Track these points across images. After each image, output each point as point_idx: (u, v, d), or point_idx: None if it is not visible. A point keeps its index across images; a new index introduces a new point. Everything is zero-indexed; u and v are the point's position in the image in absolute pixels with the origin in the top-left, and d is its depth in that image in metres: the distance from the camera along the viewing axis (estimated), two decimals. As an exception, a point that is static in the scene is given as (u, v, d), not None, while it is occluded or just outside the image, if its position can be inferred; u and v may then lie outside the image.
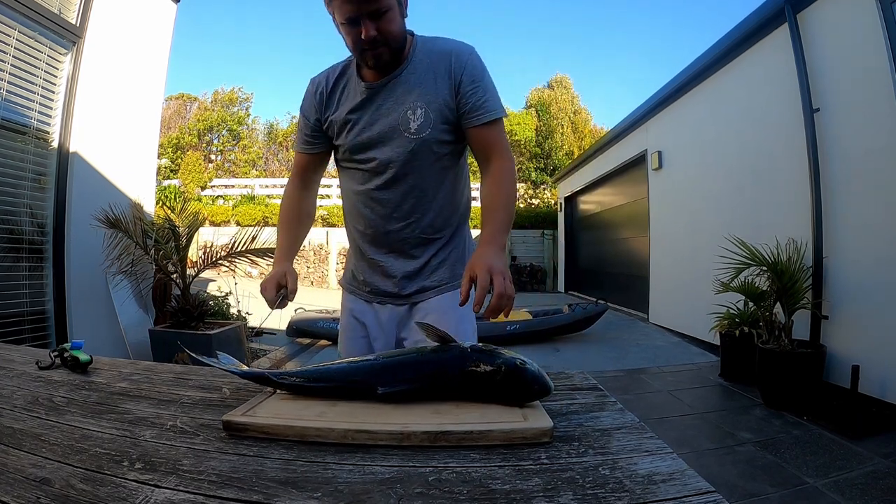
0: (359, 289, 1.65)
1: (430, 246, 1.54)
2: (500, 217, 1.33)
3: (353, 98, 1.47)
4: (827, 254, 4.18)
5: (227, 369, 1.02)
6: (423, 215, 1.50)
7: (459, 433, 0.76)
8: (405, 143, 1.42)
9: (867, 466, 2.81)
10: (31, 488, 0.62)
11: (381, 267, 1.56)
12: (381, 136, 1.44)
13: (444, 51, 1.42)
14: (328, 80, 1.52)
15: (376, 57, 1.34)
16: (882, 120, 3.67)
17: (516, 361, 0.89)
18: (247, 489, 0.63)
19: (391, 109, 1.43)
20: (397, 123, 1.42)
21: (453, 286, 1.54)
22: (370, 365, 0.95)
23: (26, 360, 1.28)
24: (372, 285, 1.59)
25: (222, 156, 25.30)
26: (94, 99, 4.40)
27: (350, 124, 1.47)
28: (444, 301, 1.53)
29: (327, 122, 1.52)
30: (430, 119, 1.40)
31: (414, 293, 1.55)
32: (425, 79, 1.41)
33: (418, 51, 1.43)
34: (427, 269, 1.54)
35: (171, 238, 4.82)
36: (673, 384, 4.71)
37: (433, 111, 1.40)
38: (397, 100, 1.42)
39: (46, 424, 0.85)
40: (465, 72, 1.39)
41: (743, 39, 5.46)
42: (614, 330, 7.75)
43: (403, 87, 1.42)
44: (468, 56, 1.41)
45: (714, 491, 0.60)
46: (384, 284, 1.57)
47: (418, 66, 1.42)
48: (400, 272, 1.54)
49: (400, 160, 1.43)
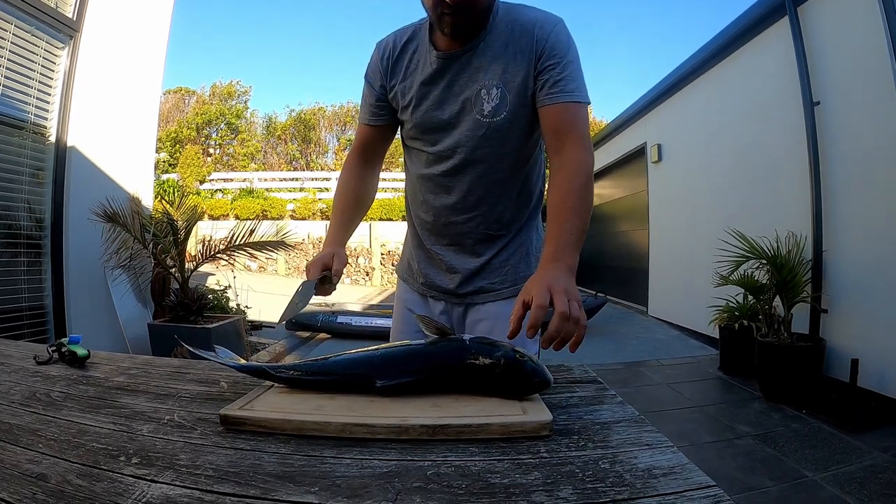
0: (413, 279, 1.54)
1: (495, 243, 1.39)
2: (571, 227, 1.09)
3: (422, 68, 1.31)
4: (826, 247, 4.18)
5: (224, 363, 1.02)
6: (490, 209, 1.35)
7: (458, 426, 0.76)
8: (476, 126, 1.27)
9: (866, 460, 2.81)
10: (27, 484, 0.61)
11: (439, 260, 1.44)
12: (451, 115, 1.29)
13: (527, 21, 1.23)
14: (395, 44, 1.35)
15: (455, 25, 1.17)
16: (883, 113, 3.67)
17: (515, 354, 0.88)
18: (244, 483, 0.62)
19: (464, 86, 1.27)
20: (469, 103, 1.26)
21: (516, 291, 1.34)
22: (369, 358, 0.95)
23: (24, 356, 1.27)
24: (427, 278, 1.48)
25: (221, 149, 25.31)
26: (91, 93, 4.38)
27: (417, 99, 1.32)
28: (501, 308, 1.38)
29: (392, 91, 1.36)
30: (507, 101, 1.24)
31: (470, 293, 1.42)
32: (504, 53, 1.23)
33: (500, 19, 1.25)
34: (488, 268, 1.40)
35: (169, 232, 4.81)
36: (672, 377, 4.72)
37: (510, 92, 1.24)
38: (472, 76, 1.26)
39: (43, 419, 0.84)
40: (548, 44, 1.20)
41: (743, 32, 5.45)
42: (614, 323, 7.76)
43: (479, 60, 1.25)
44: (552, 28, 1.22)
45: (715, 485, 0.60)
46: (440, 279, 1.45)
47: (498, 38, 1.24)
48: (459, 268, 1.41)
49: (469, 145, 1.29)
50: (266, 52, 50.77)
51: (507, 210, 1.37)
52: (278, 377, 0.96)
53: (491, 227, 1.37)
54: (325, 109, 27.08)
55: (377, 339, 5.77)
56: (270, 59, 50.13)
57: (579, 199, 1.13)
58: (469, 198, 1.34)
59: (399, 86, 1.35)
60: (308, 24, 53.73)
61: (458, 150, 1.30)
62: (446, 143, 1.31)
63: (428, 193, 1.40)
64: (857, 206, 3.98)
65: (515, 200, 1.38)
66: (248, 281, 7.32)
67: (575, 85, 1.20)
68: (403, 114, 1.36)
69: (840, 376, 3.85)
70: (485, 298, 1.41)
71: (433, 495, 0.59)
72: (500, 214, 1.37)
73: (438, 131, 1.31)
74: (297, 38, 52.27)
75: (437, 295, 1.47)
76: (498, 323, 1.36)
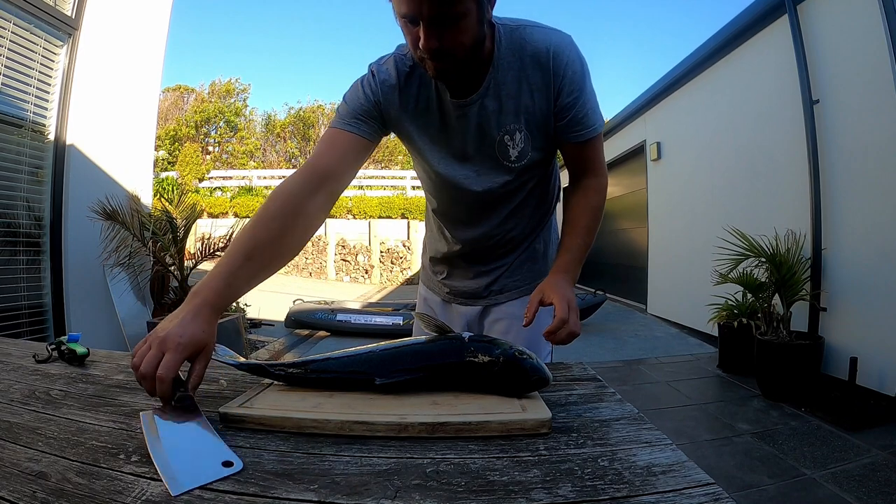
0: (437, 289, 1.58)
1: (516, 249, 1.45)
2: (580, 244, 1.25)
3: (435, 111, 1.22)
4: (826, 245, 4.19)
5: (223, 361, 1.02)
6: (512, 229, 1.39)
7: (457, 424, 0.76)
8: (503, 172, 1.25)
9: (865, 458, 2.82)
10: (27, 483, 0.61)
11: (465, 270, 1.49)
12: (476, 165, 1.26)
13: (537, 49, 1.14)
14: (399, 72, 1.20)
15: (439, 70, 1.06)
16: (882, 112, 3.67)
17: (514, 352, 0.88)
18: (243, 481, 0.62)
19: (485, 134, 1.20)
20: (493, 150, 1.22)
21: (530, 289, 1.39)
22: (368, 355, 0.95)
23: (24, 354, 1.27)
24: (452, 287, 1.52)
25: (220, 147, 25.31)
26: (90, 91, 4.37)
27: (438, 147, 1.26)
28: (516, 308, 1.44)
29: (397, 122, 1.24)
30: (531, 142, 1.21)
31: (493, 293, 1.48)
32: (520, 91, 1.16)
33: (504, 48, 1.14)
34: (510, 268, 1.45)
35: (168, 230, 4.82)
36: (671, 375, 4.73)
37: (532, 131, 1.20)
38: (491, 120, 1.19)
39: (43, 418, 0.84)
40: (566, 79, 1.14)
41: (743, 30, 5.45)
42: (613, 321, 7.77)
43: (494, 102, 1.17)
44: (568, 55, 1.14)
45: (713, 483, 0.60)
46: (465, 285, 1.49)
47: (508, 72, 1.15)
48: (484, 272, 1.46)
49: (496, 190, 1.28)
50: (265, 49, 50.78)
51: (529, 225, 1.43)
52: (277, 375, 0.96)
53: (512, 242, 1.42)
54: (325, 107, 27.06)
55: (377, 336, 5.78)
56: (269, 56, 50.16)
57: (593, 220, 1.28)
58: (491, 225, 1.38)
59: (414, 122, 1.24)
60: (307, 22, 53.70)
61: (485, 195, 1.30)
62: (472, 189, 1.29)
63: (452, 228, 1.44)
64: (856, 204, 3.98)
65: (535, 214, 1.43)
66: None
67: (594, 118, 1.21)
68: (424, 152, 1.27)
69: (839, 374, 3.86)
70: (506, 297, 1.47)
71: (432, 493, 0.59)
72: (523, 230, 1.42)
73: (464, 178, 1.28)
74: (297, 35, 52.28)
75: (462, 300, 1.52)
76: (514, 323, 1.42)
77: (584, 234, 1.25)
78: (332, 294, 9.84)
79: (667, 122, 7.61)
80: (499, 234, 1.39)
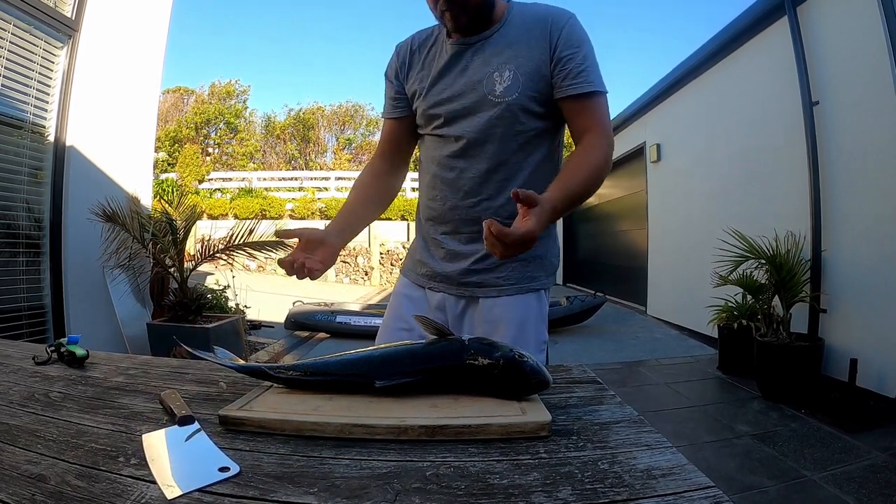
0: (413, 270, 1.50)
1: None
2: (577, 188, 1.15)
3: (438, 58, 1.36)
4: (826, 247, 4.19)
5: (223, 363, 1.02)
6: (498, 193, 1.32)
7: (457, 427, 0.76)
8: (488, 106, 1.28)
9: (865, 460, 2.82)
10: (26, 485, 0.61)
11: (441, 247, 1.40)
12: (463, 97, 1.31)
13: (541, 14, 1.29)
14: (412, 43, 1.43)
15: (454, 19, 1.25)
16: (882, 113, 3.67)
17: (514, 355, 0.88)
18: (243, 484, 0.62)
19: (477, 70, 1.30)
20: (481, 85, 1.28)
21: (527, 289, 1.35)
22: (367, 358, 0.94)
23: (23, 356, 1.27)
24: (427, 266, 1.44)
25: (220, 149, 25.30)
26: (90, 93, 4.37)
27: (431, 83, 1.36)
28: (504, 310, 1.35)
29: (410, 81, 1.42)
30: (519, 82, 1.26)
31: (472, 284, 1.37)
32: (518, 41, 1.28)
33: (513, 14, 1.31)
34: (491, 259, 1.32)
35: (168, 232, 4.81)
36: (671, 377, 4.72)
37: (523, 74, 1.26)
38: (485, 60, 1.29)
39: (42, 420, 0.84)
40: (563, 35, 1.24)
41: (742, 32, 5.45)
42: (612, 322, 7.77)
43: (493, 48, 1.29)
44: (567, 20, 1.26)
45: (714, 486, 0.60)
46: (440, 266, 1.40)
47: (511, 30, 1.30)
48: (461, 253, 1.37)
49: (480, 125, 1.29)
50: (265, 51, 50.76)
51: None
52: (277, 377, 0.96)
53: (499, 211, 1.30)
54: (324, 109, 27.05)
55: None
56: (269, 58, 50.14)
57: (592, 175, 1.19)
58: (477, 179, 1.32)
59: (416, 75, 1.40)
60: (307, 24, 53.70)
61: (470, 130, 1.31)
62: (457, 123, 1.33)
63: (435, 178, 1.39)
64: (856, 205, 3.98)
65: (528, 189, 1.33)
66: (247, 280, 7.31)
67: (591, 74, 1.24)
68: (418, 98, 1.39)
69: (839, 376, 3.85)
70: (486, 293, 1.36)
71: (432, 496, 0.59)
72: (506, 201, 1.30)
73: (450, 112, 1.33)
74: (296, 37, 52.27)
75: (437, 286, 1.42)
76: (499, 328, 1.32)
77: (582, 183, 1.16)
78: (331, 296, 9.83)
79: (666, 124, 7.62)
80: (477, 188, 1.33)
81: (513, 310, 1.35)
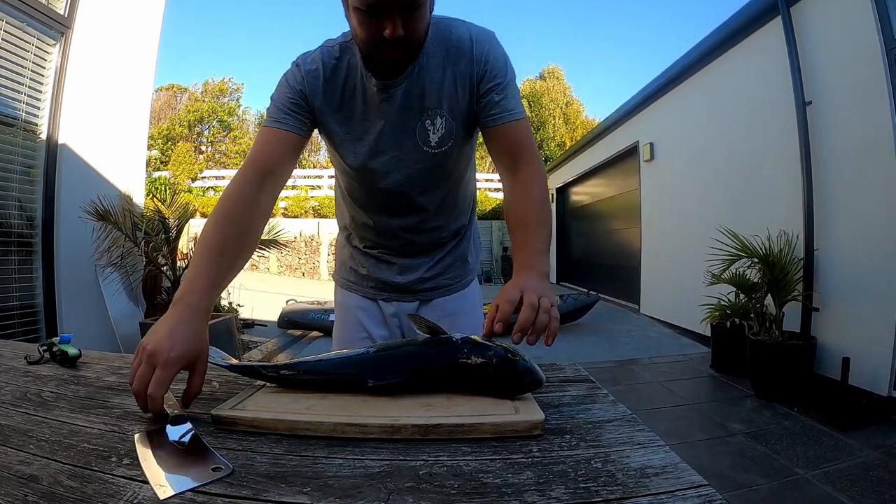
0: (360, 284, 1.50)
1: (444, 246, 1.44)
2: (538, 236, 1.09)
3: (360, 99, 1.22)
4: (818, 246, 4.21)
5: (215, 363, 1.01)
6: (437, 223, 1.39)
7: (450, 426, 0.76)
8: (422, 157, 1.24)
9: (857, 458, 2.84)
10: (18, 486, 0.61)
11: (393, 262, 1.44)
12: (396, 148, 1.24)
13: (461, 40, 1.18)
14: (322, 70, 1.21)
15: (390, 60, 1.12)
16: (874, 113, 3.69)
17: (507, 353, 0.88)
18: (235, 484, 0.62)
19: (407, 118, 1.21)
20: (414, 134, 1.22)
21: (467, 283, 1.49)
22: (361, 357, 0.94)
23: (15, 355, 1.26)
24: (378, 279, 1.45)
25: (213, 147, 25.22)
26: (82, 90, 4.35)
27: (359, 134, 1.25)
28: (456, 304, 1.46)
29: (323, 114, 1.24)
30: (453, 131, 1.22)
31: (428, 290, 1.45)
32: (444, 78, 1.19)
33: (430, 37, 1.17)
34: (440, 266, 1.44)
35: (161, 230, 4.80)
36: (664, 375, 4.74)
37: (455, 118, 1.22)
38: (412, 106, 1.20)
39: (34, 420, 0.84)
40: (488, 65, 1.18)
41: (736, 32, 5.47)
42: (606, 321, 7.79)
43: (418, 86, 1.19)
44: (490, 44, 1.19)
45: (707, 484, 0.60)
46: (394, 278, 1.44)
47: (433, 59, 1.18)
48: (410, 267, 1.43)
49: (414, 177, 1.27)
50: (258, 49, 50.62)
51: (451, 218, 1.42)
52: (270, 377, 0.95)
53: (438, 236, 1.42)
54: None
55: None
56: (262, 56, 50.04)
57: (541, 209, 1.14)
58: (414, 219, 1.36)
59: (334, 114, 1.24)
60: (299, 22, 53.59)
61: (404, 182, 1.28)
62: (392, 177, 1.28)
63: (371, 214, 1.39)
64: (848, 205, 4.01)
65: (458, 206, 1.43)
66: (240, 279, 7.28)
67: (516, 102, 1.21)
68: (342, 146, 1.27)
69: (831, 374, 3.88)
70: (441, 293, 1.46)
71: (425, 495, 0.59)
72: (445, 223, 1.41)
73: (383, 165, 1.26)
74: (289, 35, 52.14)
75: (389, 296, 1.46)
76: (457, 319, 1.42)
77: (537, 227, 1.11)
78: (325, 294, 9.80)
79: (660, 123, 7.64)
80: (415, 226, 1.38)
81: (466, 300, 1.48)
